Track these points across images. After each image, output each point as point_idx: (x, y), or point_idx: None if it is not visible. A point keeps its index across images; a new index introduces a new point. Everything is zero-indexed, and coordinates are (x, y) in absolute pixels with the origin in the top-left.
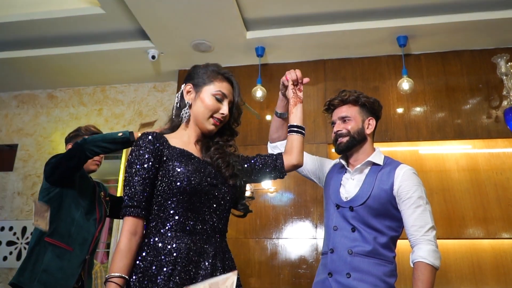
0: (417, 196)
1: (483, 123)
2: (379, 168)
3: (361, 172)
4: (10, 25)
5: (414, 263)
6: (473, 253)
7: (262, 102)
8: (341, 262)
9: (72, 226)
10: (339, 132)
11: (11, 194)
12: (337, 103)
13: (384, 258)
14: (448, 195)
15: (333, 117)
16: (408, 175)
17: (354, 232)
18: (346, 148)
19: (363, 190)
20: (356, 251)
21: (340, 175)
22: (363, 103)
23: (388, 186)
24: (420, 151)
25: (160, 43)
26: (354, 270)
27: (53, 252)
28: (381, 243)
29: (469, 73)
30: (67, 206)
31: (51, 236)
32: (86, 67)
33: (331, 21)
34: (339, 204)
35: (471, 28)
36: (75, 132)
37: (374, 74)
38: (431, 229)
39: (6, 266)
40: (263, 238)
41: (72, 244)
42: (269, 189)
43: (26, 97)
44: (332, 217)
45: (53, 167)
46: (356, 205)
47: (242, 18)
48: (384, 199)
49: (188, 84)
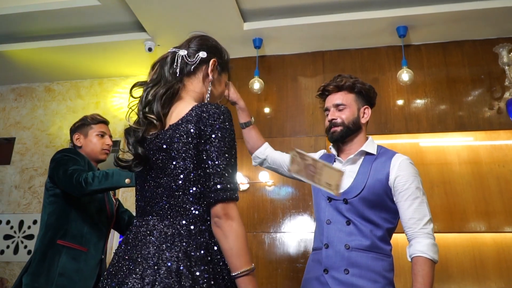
0: (415, 187)
1: (485, 114)
2: (373, 158)
3: (354, 163)
4: (6, 18)
5: (413, 257)
6: (475, 247)
7: (260, 94)
8: (338, 257)
9: (84, 226)
10: (334, 120)
11: (8, 188)
12: (332, 88)
13: (382, 252)
14: (449, 188)
15: (327, 103)
16: (405, 165)
17: (350, 225)
18: (340, 138)
19: (357, 181)
20: (354, 245)
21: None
22: (359, 90)
23: (383, 176)
24: (421, 144)
25: (156, 35)
26: (352, 266)
27: (67, 255)
28: (378, 236)
29: (471, 64)
30: (77, 206)
31: (63, 238)
32: (83, 59)
33: (330, 11)
34: (331, 197)
35: (472, 18)
36: (81, 121)
37: (373, 66)
38: (429, 221)
39: (3, 260)
40: (261, 232)
41: (86, 245)
42: (266, 183)
43: (24, 90)
44: (323, 210)
45: (53, 170)
46: (350, 197)
47: (239, 9)
48: (379, 190)
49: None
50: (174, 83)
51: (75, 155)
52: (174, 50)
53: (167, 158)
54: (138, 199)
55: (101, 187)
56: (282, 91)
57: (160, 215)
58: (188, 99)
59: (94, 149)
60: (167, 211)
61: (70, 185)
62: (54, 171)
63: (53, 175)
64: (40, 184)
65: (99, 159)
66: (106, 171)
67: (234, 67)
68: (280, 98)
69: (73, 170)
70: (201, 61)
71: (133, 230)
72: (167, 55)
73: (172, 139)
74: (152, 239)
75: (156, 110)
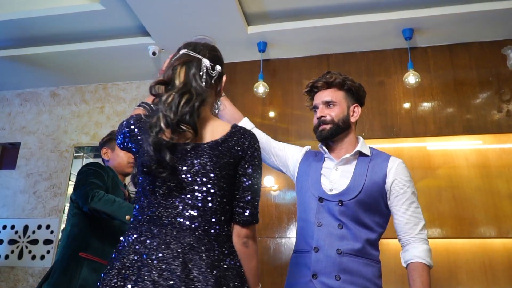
0: (411, 192)
1: (493, 117)
2: (368, 159)
3: (348, 163)
4: (11, 23)
5: (411, 263)
6: (485, 253)
7: (265, 98)
8: (329, 262)
9: (105, 240)
10: (323, 118)
11: (13, 193)
12: (321, 85)
13: (371, 258)
14: (457, 193)
15: (316, 100)
16: (402, 168)
17: (342, 229)
18: (330, 136)
19: (354, 182)
20: (345, 250)
21: (318, 164)
22: (349, 87)
23: (380, 179)
24: (428, 147)
25: (160, 40)
26: (344, 272)
27: (88, 267)
28: (370, 241)
29: (478, 66)
30: (98, 219)
31: (85, 251)
32: (88, 64)
33: (335, 14)
34: (323, 197)
35: (479, 19)
36: (108, 136)
37: (379, 69)
38: (423, 227)
39: (8, 265)
40: (266, 237)
41: (106, 258)
42: (271, 187)
43: (29, 95)
44: (313, 211)
45: (76, 182)
46: (347, 199)
47: (243, 13)
48: (376, 192)
49: None
50: (206, 96)
51: (99, 168)
52: (196, 56)
53: (199, 172)
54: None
55: (102, 209)
56: (287, 94)
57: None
58: (211, 115)
59: (120, 162)
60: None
61: (79, 194)
62: (76, 182)
63: (77, 186)
64: (45, 189)
65: (125, 172)
66: (116, 198)
67: (238, 71)
68: (285, 102)
69: (90, 183)
70: (218, 75)
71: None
72: (191, 59)
73: (211, 156)
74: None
75: (193, 123)
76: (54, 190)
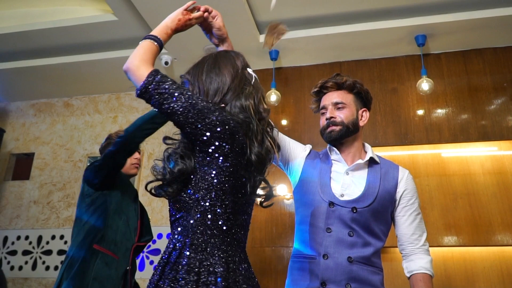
0: (418, 203)
1: (509, 123)
2: (379, 167)
3: (359, 169)
4: (26, 35)
5: (417, 273)
6: (502, 261)
7: (277, 106)
8: (339, 270)
9: (117, 234)
10: (333, 119)
11: (27, 203)
12: (331, 85)
13: (377, 266)
14: (473, 200)
15: (324, 101)
16: (411, 179)
17: (352, 237)
18: (339, 137)
19: (369, 190)
20: (356, 258)
21: (327, 167)
22: (358, 91)
23: (392, 187)
24: (443, 154)
25: (173, 49)
26: (354, 280)
27: (102, 260)
28: (376, 249)
29: (493, 72)
30: (112, 214)
31: (100, 244)
32: (101, 74)
33: (347, 21)
34: (334, 202)
35: (493, 25)
36: (107, 141)
37: (392, 75)
38: (426, 238)
39: (22, 276)
40: (280, 246)
41: (117, 253)
42: (285, 196)
43: (43, 106)
44: (322, 216)
45: (99, 166)
46: (361, 206)
47: (255, 21)
48: (387, 201)
49: None
50: None
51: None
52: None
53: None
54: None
55: (136, 126)
56: (299, 102)
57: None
58: None
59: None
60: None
61: (118, 150)
62: (100, 168)
63: (98, 172)
64: (58, 199)
65: (129, 173)
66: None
67: None
68: (297, 110)
69: (113, 146)
70: None
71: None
72: None
73: None
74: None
75: None
76: (68, 200)
